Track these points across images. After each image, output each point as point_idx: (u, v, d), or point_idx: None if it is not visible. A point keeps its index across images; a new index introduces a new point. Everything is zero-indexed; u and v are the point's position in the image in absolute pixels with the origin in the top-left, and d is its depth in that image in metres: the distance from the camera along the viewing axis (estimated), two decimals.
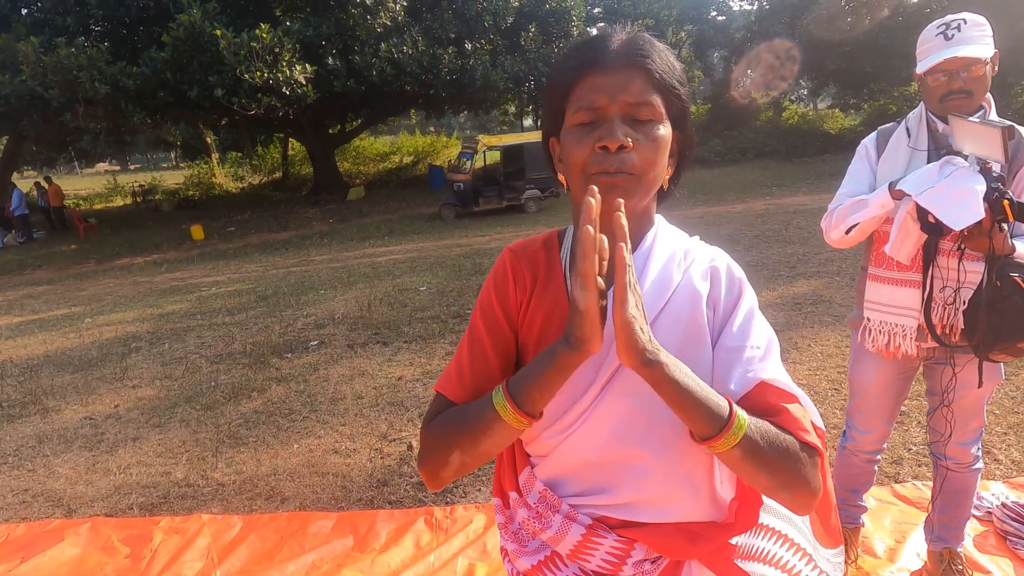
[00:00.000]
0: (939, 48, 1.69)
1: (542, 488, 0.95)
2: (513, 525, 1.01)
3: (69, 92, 11.28)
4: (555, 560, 0.96)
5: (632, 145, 0.82)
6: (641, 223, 0.92)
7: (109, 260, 12.52)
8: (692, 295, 0.90)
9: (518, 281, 0.95)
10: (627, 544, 0.91)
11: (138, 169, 41.73)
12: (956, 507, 2.06)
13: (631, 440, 0.88)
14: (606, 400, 0.88)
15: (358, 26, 13.40)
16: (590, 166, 0.83)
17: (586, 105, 0.84)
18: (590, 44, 0.86)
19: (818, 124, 22.68)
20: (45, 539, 2.78)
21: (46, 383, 4.94)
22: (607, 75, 0.83)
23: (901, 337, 1.86)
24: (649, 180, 0.85)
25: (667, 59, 0.86)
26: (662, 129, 0.84)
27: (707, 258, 0.95)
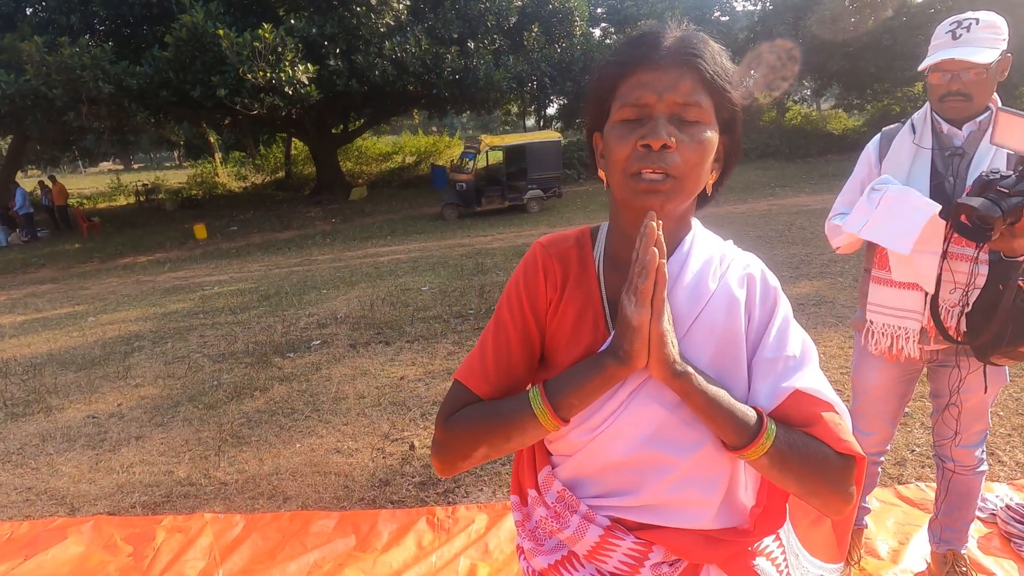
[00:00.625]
0: (944, 46, 1.68)
1: (560, 488, 0.94)
2: (530, 523, 1.00)
3: (73, 91, 11.31)
4: (572, 560, 0.96)
5: (675, 146, 0.80)
6: (679, 226, 0.91)
7: (112, 259, 12.55)
8: (728, 303, 0.89)
9: (549, 277, 0.94)
10: (645, 546, 0.90)
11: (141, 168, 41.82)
12: (960, 509, 2.05)
13: (657, 444, 0.87)
14: (635, 403, 0.87)
15: (361, 26, 13.41)
16: (631, 164, 0.82)
17: (632, 101, 0.82)
18: (642, 39, 0.84)
19: (821, 125, 22.63)
20: (48, 537, 2.78)
21: (49, 381, 4.95)
22: (656, 72, 0.81)
23: (904, 340, 1.85)
24: (691, 183, 0.83)
25: (720, 60, 0.84)
26: (709, 132, 0.82)
27: (742, 264, 0.94)
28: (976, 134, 1.74)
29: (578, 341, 0.91)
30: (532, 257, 0.96)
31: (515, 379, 0.94)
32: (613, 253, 0.94)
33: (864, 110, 22.35)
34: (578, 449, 0.92)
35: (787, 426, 0.85)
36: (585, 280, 0.93)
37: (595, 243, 0.97)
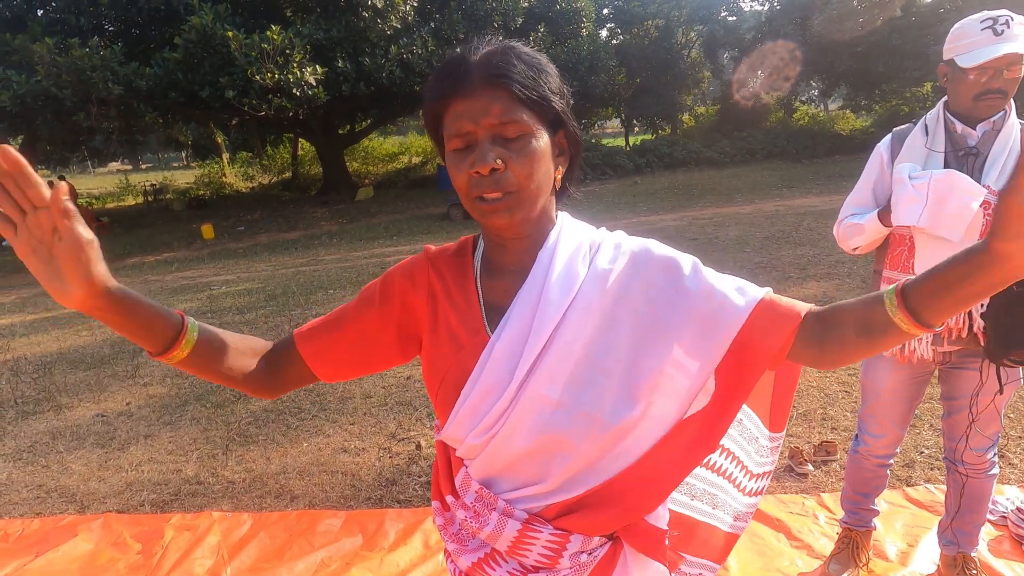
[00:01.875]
0: (988, 43, 1.63)
1: (478, 487, 0.96)
2: (453, 526, 1.03)
3: (82, 92, 11.37)
4: (495, 557, 0.98)
5: (503, 166, 0.84)
6: (540, 226, 0.94)
7: (121, 259, 12.62)
8: (601, 281, 0.91)
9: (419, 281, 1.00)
10: (562, 537, 0.93)
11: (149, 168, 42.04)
12: (971, 512, 2.04)
13: (554, 429, 0.90)
14: (525, 395, 0.89)
15: (368, 29, 13.44)
16: (472, 190, 0.86)
17: (455, 132, 0.85)
18: (448, 70, 0.87)
19: (829, 125, 22.54)
20: (58, 534, 2.80)
21: (59, 380, 4.99)
22: (467, 100, 0.84)
23: (917, 341, 1.84)
24: (530, 192, 0.87)
25: (528, 72, 0.85)
26: (534, 141, 0.85)
27: (613, 244, 0.96)
28: (990, 134, 1.73)
29: (459, 345, 0.94)
30: (421, 258, 1.03)
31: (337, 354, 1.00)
32: (489, 260, 0.99)
33: (872, 111, 22.23)
34: (480, 451, 0.94)
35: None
36: (465, 285, 0.98)
37: (475, 252, 1.01)
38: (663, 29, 22.31)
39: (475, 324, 0.95)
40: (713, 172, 17.22)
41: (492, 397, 0.90)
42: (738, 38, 23.69)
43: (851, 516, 2.25)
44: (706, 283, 0.91)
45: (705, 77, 25.53)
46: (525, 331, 0.89)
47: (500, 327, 0.91)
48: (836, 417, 3.35)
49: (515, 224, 0.88)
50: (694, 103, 27.75)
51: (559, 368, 0.89)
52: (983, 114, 1.72)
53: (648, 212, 11.71)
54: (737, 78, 22.00)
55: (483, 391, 0.90)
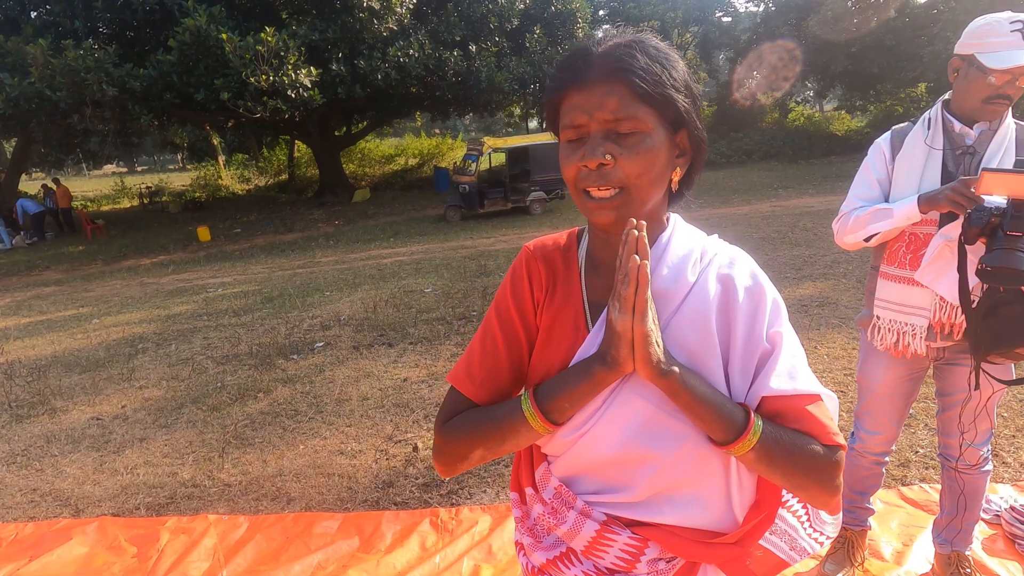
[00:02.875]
0: (1014, 47, 1.60)
1: (557, 484, 0.95)
2: (529, 520, 1.02)
3: (77, 94, 11.35)
4: (570, 556, 0.97)
5: (612, 162, 0.83)
6: (650, 226, 0.91)
7: (116, 261, 12.59)
8: (709, 295, 0.89)
9: (535, 280, 0.97)
10: (641, 541, 0.91)
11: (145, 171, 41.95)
12: (965, 510, 2.05)
13: (644, 439, 0.88)
14: (618, 401, 0.89)
15: (365, 30, 13.43)
16: (579, 182, 0.86)
17: (569, 123, 0.85)
18: (570, 61, 0.86)
19: (824, 126, 22.61)
20: (53, 538, 2.79)
21: (54, 383, 4.97)
22: (584, 93, 0.83)
23: (911, 336, 1.85)
24: (640, 192, 0.85)
25: (653, 66, 0.83)
26: (649, 140, 0.83)
27: (726, 260, 0.93)
28: (987, 133, 1.74)
29: (561, 341, 0.93)
30: (519, 262, 1.00)
31: (502, 382, 0.97)
32: (593, 255, 0.97)
33: (867, 111, 22.33)
34: (567, 448, 0.93)
35: (774, 423, 0.86)
36: (569, 281, 0.96)
37: (580, 245, 1.00)
38: (658, 30, 22.30)
39: (577, 320, 0.93)
40: (709, 173, 17.25)
41: None
42: (733, 39, 23.78)
43: (847, 515, 2.25)
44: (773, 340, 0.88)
45: (701, 78, 25.59)
46: None
47: (599, 325, 0.90)
48: None
49: (621, 222, 0.86)
50: None
51: None
52: (988, 117, 1.72)
53: None
54: (733, 79, 22.05)
55: None
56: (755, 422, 0.83)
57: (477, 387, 0.96)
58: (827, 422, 0.87)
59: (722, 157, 19.09)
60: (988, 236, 1.54)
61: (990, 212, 1.54)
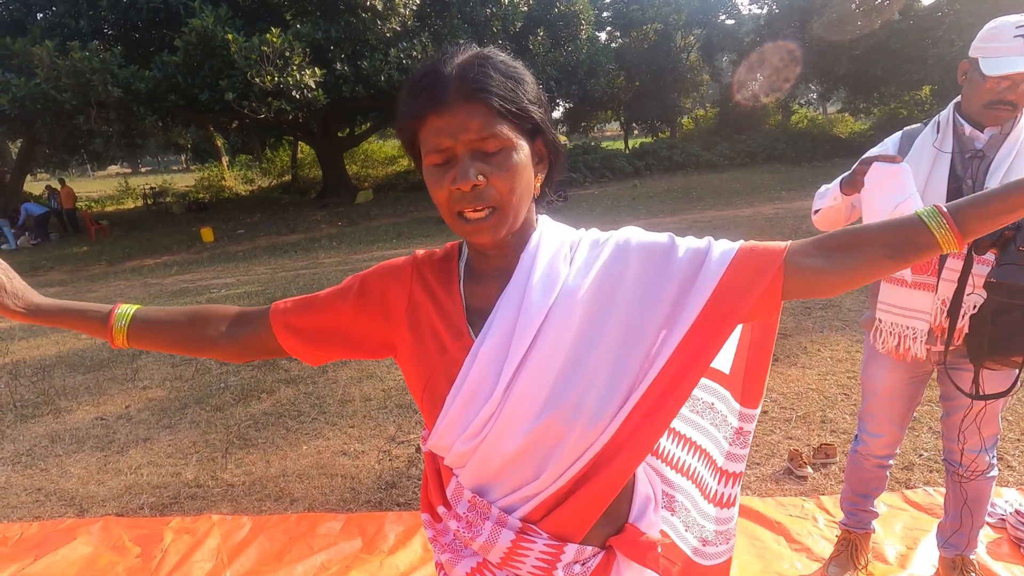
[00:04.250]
0: (1016, 52, 1.60)
1: (471, 496, 0.95)
2: (446, 537, 1.01)
3: (82, 95, 11.39)
4: (487, 567, 0.97)
5: (485, 181, 0.83)
6: (522, 232, 0.94)
7: (120, 262, 12.62)
8: (582, 276, 0.92)
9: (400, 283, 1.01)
10: (556, 548, 0.92)
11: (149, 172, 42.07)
12: (970, 514, 2.04)
13: (542, 424, 0.89)
14: (512, 397, 0.89)
15: (368, 31, 13.46)
16: (453, 205, 0.86)
17: (434, 148, 0.84)
18: (423, 85, 0.84)
19: (828, 128, 22.59)
20: (57, 538, 2.80)
21: (58, 383, 4.98)
22: (446, 116, 0.82)
23: (911, 340, 1.85)
24: (513, 206, 0.87)
25: (507, 83, 0.84)
26: (515, 154, 0.84)
27: (590, 241, 0.97)
28: (997, 137, 1.73)
29: (443, 349, 0.94)
30: (411, 260, 1.03)
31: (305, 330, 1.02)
32: (472, 267, 0.99)
33: (871, 114, 22.29)
34: (469, 457, 0.93)
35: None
36: (450, 290, 0.98)
37: (460, 256, 1.02)
38: (662, 32, 22.39)
39: (458, 328, 0.94)
40: (712, 175, 17.25)
41: (479, 401, 0.90)
42: (737, 41, 23.76)
43: (850, 518, 2.25)
44: (682, 252, 0.92)
45: (704, 80, 25.60)
46: (509, 333, 0.89)
47: (484, 331, 0.91)
48: (835, 420, 3.36)
49: (499, 241, 0.89)
50: (693, 106, 27.81)
51: (546, 367, 0.88)
52: (988, 122, 1.72)
53: (647, 215, 11.72)
54: (736, 81, 22.04)
55: (469, 395, 0.90)
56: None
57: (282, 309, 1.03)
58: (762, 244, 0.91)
59: (725, 159, 19.07)
60: (1000, 248, 1.54)
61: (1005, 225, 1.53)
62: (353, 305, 1.01)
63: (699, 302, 0.88)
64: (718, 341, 0.91)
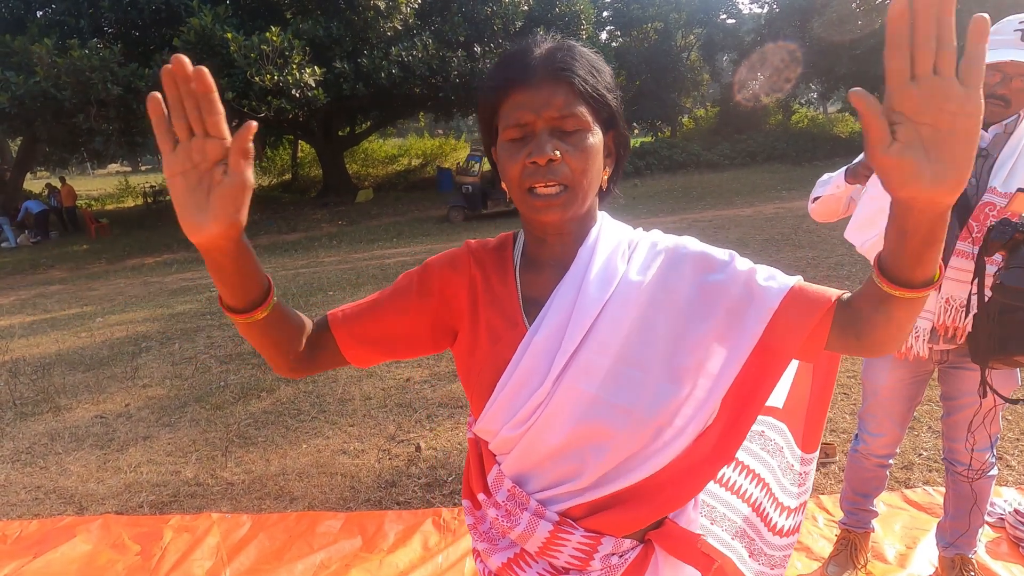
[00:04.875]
0: (1010, 45, 1.60)
1: (511, 485, 0.96)
2: (484, 525, 1.03)
3: (82, 93, 11.38)
4: (524, 557, 0.98)
5: (560, 158, 0.84)
6: (584, 223, 0.95)
7: (120, 260, 12.62)
8: (640, 280, 0.92)
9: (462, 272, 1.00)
10: (594, 539, 0.93)
11: (149, 170, 42.02)
12: (969, 513, 2.04)
13: (590, 420, 0.89)
14: (561, 388, 0.89)
15: (369, 29, 13.45)
16: (524, 180, 0.86)
17: (513, 122, 0.86)
18: (512, 60, 0.87)
19: (828, 128, 22.59)
20: (57, 536, 2.80)
21: (58, 381, 4.98)
22: (530, 92, 0.84)
23: (913, 338, 1.85)
24: (583, 188, 0.87)
25: (590, 68, 0.87)
26: (591, 137, 0.86)
27: (649, 243, 0.97)
28: (1001, 136, 1.73)
29: (497, 337, 0.94)
30: (463, 250, 1.03)
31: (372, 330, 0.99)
32: (529, 255, 0.99)
33: None
34: (515, 444, 0.94)
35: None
36: (505, 279, 0.98)
37: (515, 246, 1.02)
38: (662, 32, 22.34)
39: (513, 317, 0.95)
40: (713, 174, 17.24)
41: (528, 389, 0.90)
42: (737, 41, 23.76)
43: (850, 517, 2.25)
44: (738, 273, 0.90)
45: (704, 80, 25.56)
46: (563, 324, 0.89)
47: (538, 320, 0.91)
48: (835, 419, 3.36)
49: (566, 220, 0.89)
50: (694, 106, 27.78)
51: (596, 362, 0.88)
52: (986, 118, 1.72)
53: (648, 214, 11.72)
54: (737, 81, 22.04)
55: (519, 383, 0.90)
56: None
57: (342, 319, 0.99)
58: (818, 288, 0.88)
59: (725, 159, 19.06)
60: (1009, 251, 1.54)
61: (1015, 227, 1.53)
62: (416, 303, 0.99)
63: (754, 331, 0.88)
64: (773, 376, 0.92)
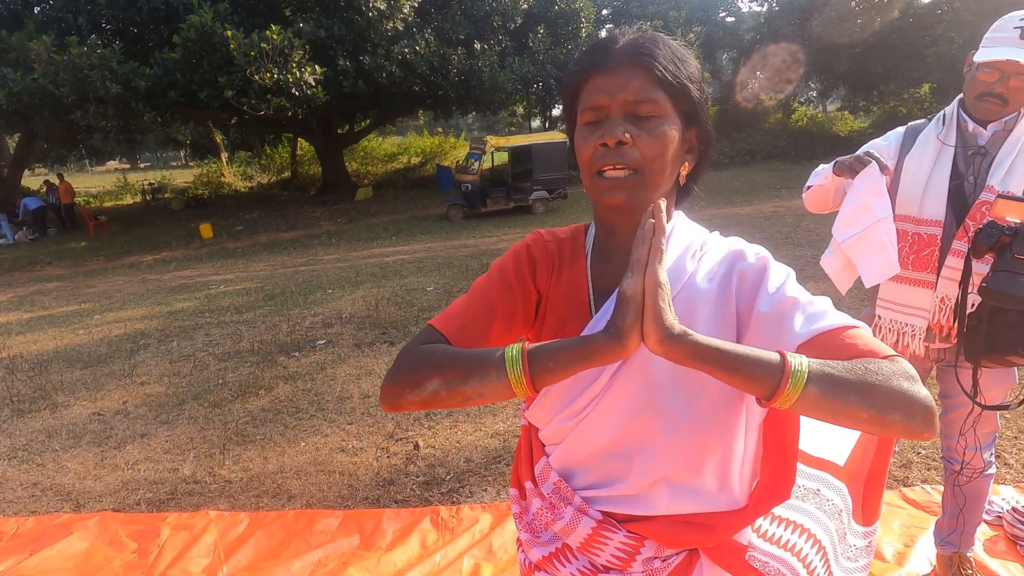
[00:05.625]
0: (1008, 43, 1.60)
1: (557, 479, 0.96)
2: (528, 515, 1.02)
3: (80, 90, 11.36)
4: (566, 552, 0.97)
5: (631, 141, 0.84)
6: None
7: (119, 257, 12.60)
8: (708, 282, 0.90)
9: (541, 260, 0.98)
10: (637, 541, 0.92)
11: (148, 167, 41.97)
12: (967, 512, 2.04)
13: (641, 425, 0.89)
14: (616, 386, 0.89)
15: (369, 28, 13.43)
16: (594, 163, 0.86)
17: (590, 105, 0.86)
18: (595, 47, 0.88)
19: (827, 126, 22.58)
20: (53, 533, 2.79)
21: (56, 379, 4.97)
22: (607, 75, 0.85)
23: (910, 337, 1.85)
24: (653, 175, 0.86)
25: (673, 57, 0.86)
26: (666, 126, 0.85)
27: (724, 247, 0.95)
28: (1000, 134, 1.72)
29: (564, 325, 0.94)
30: (530, 240, 1.00)
31: (484, 338, 0.91)
32: (599, 246, 0.98)
33: (870, 112, 22.28)
34: (565, 435, 0.93)
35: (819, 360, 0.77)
36: (576, 269, 0.97)
37: (587, 237, 1.01)
38: (662, 30, 22.23)
39: (581, 306, 0.94)
40: (712, 173, 17.15)
41: (584, 381, 0.89)
42: (737, 39, 23.74)
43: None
44: (783, 299, 0.85)
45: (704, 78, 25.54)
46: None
47: (602, 311, 0.90)
48: None
49: (632, 203, 0.86)
50: None
51: (654, 362, 0.86)
52: (981, 115, 1.72)
53: None
54: (737, 79, 22.02)
55: (577, 375, 0.86)
56: (792, 361, 0.73)
57: (460, 331, 0.90)
58: (875, 342, 0.78)
59: (725, 157, 19.05)
60: (996, 253, 1.54)
61: (1001, 231, 1.53)
62: (521, 295, 0.96)
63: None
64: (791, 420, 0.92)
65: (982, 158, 1.73)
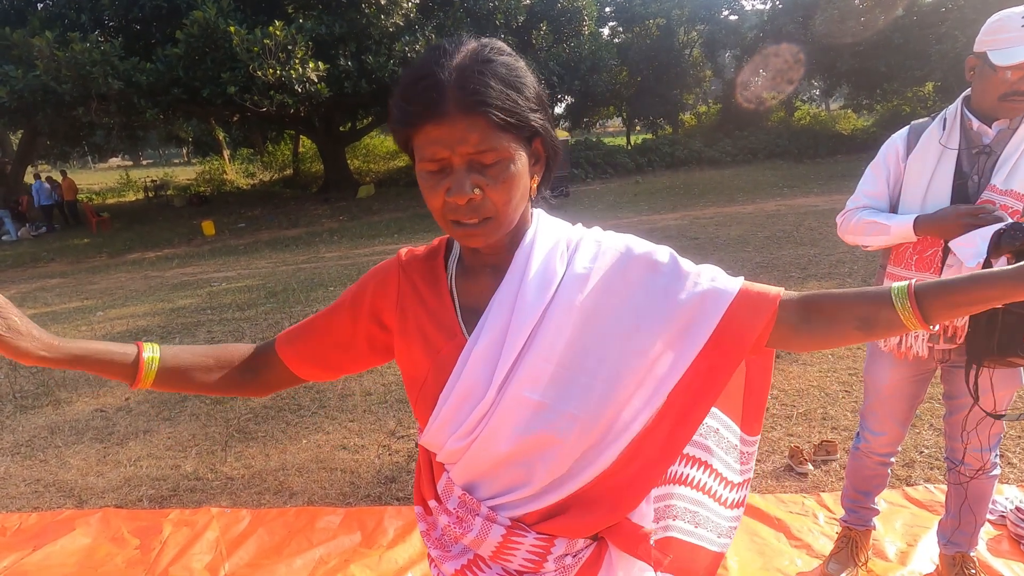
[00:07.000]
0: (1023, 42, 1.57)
1: (461, 493, 0.95)
2: (436, 532, 1.02)
3: (83, 87, 11.36)
4: (478, 563, 0.97)
5: (481, 195, 0.81)
6: (516, 230, 0.92)
7: (121, 254, 12.62)
8: (580, 280, 0.90)
9: (382, 297, 1.00)
10: (547, 541, 0.92)
11: (150, 164, 42.02)
12: (971, 512, 2.03)
13: (536, 430, 0.88)
14: (506, 397, 0.88)
15: (371, 25, 13.42)
16: (447, 213, 0.84)
17: (429, 157, 0.81)
18: (419, 92, 0.79)
19: (830, 125, 22.54)
20: (56, 529, 2.80)
21: (58, 374, 4.98)
22: (444, 127, 0.78)
23: (913, 337, 1.84)
24: (508, 214, 0.85)
25: (507, 89, 0.80)
26: (512, 165, 0.82)
27: (593, 242, 0.95)
28: (1005, 132, 1.71)
29: (435, 350, 0.93)
30: (391, 266, 1.01)
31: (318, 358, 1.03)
32: (463, 261, 0.97)
33: (873, 110, 22.23)
34: (462, 455, 0.92)
35: None
36: (438, 289, 0.96)
37: (449, 254, 0.99)
38: (664, 28, 22.29)
39: (451, 328, 0.93)
40: (715, 171, 17.21)
41: (471, 401, 0.89)
42: (739, 37, 23.69)
43: (851, 515, 2.24)
44: (686, 276, 0.91)
45: (706, 76, 25.49)
46: (503, 333, 0.87)
47: (477, 330, 0.89)
48: (836, 417, 3.35)
49: (492, 244, 0.89)
50: (695, 102, 27.74)
51: (540, 370, 0.87)
52: (1006, 115, 1.69)
53: (649, 211, 11.70)
54: (739, 78, 21.98)
55: (462, 395, 0.89)
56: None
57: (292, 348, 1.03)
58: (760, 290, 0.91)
59: (727, 156, 19.03)
60: (1016, 256, 1.53)
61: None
62: (350, 319, 1.01)
63: (704, 332, 0.89)
64: (723, 375, 0.92)
65: (986, 157, 1.72)
